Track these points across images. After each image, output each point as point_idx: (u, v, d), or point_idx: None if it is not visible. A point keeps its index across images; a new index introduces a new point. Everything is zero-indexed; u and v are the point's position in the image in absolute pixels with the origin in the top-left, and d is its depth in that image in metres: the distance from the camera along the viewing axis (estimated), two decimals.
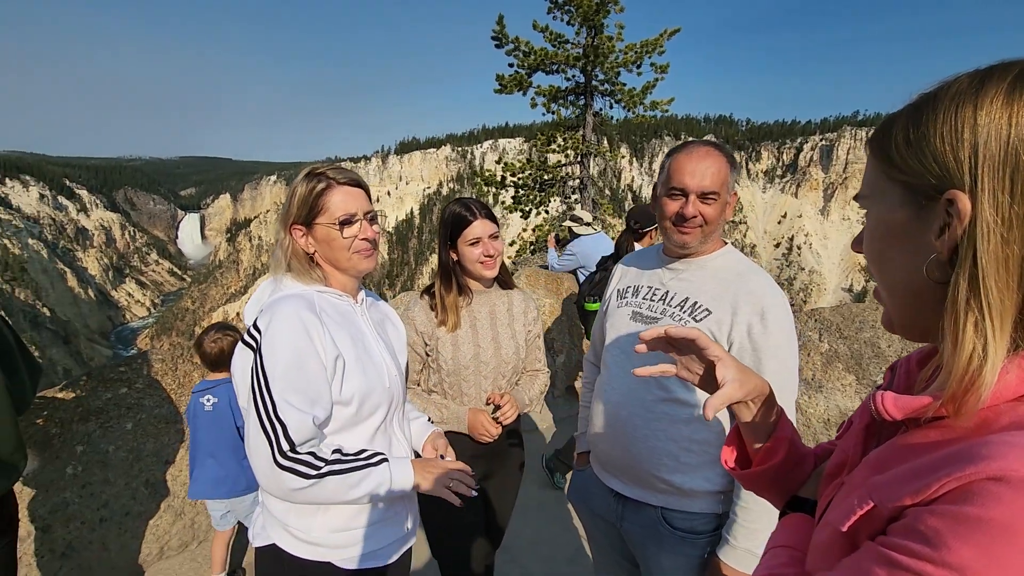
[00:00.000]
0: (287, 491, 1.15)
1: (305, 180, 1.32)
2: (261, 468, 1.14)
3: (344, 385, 1.25)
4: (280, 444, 1.13)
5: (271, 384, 1.15)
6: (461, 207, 1.85)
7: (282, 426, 1.13)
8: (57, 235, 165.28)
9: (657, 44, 9.74)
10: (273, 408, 1.13)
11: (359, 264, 1.36)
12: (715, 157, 1.40)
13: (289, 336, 1.18)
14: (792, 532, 0.79)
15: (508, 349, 1.95)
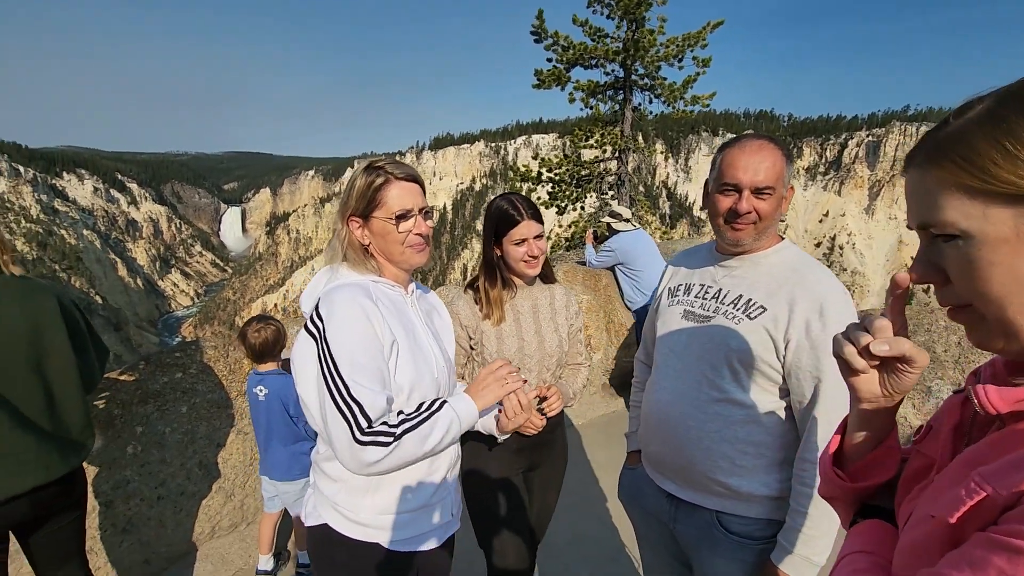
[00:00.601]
0: (369, 465, 1.18)
1: (364, 174, 1.35)
2: (342, 449, 1.16)
3: (397, 371, 1.28)
4: (359, 422, 1.16)
5: (340, 367, 1.17)
6: (509, 205, 1.85)
7: (358, 405, 1.16)
8: (109, 226, 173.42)
9: (700, 37, 9.50)
10: (347, 389, 1.16)
11: (412, 258, 1.38)
12: (770, 150, 1.35)
13: (353, 320, 1.21)
14: (869, 537, 0.76)
15: (551, 342, 1.95)
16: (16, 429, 1.59)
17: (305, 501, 1.42)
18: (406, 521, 1.33)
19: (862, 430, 0.80)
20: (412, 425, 1.21)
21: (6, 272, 1.66)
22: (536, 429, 1.83)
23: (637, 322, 4.87)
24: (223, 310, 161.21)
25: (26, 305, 1.66)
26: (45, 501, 1.71)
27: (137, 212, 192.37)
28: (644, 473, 1.69)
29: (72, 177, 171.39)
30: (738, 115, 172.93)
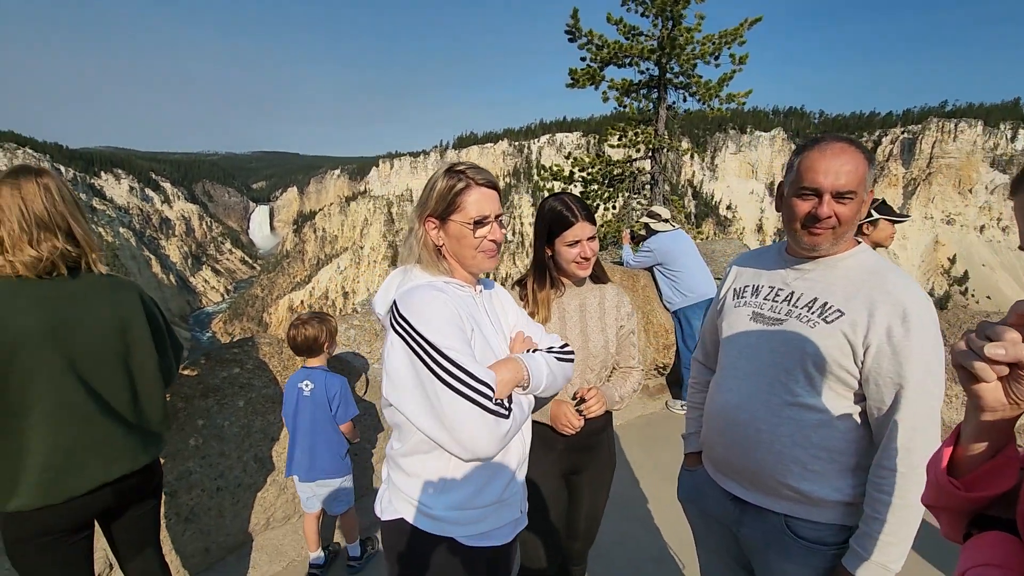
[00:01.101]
0: (504, 436, 1.25)
1: (446, 176, 1.37)
2: (477, 429, 1.21)
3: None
4: (487, 394, 1.22)
5: (447, 352, 1.21)
6: (563, 206, 1.85)
7: (481, 383, 1.22)
8: (144, 224, 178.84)
9: (737, 34, 9.36)
10: (465, 372, 1.21)
11: (483, 263, 1.41)
12: (851, 153, 1.33)
13: (441, 310, 1.26)
14: (997, 551, 0.74)
15: (596, 343, 1.94)
16: (106, 420, 1.67)
17: (380, 496, 1.46)
18: (480, 516, 1.35)
19: (981, 440, 0.78)
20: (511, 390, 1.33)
21: (95, 270, 1.75)
22: (572, 429, 1.83)
23: (676, 323, 4.84)
24: (251, 306, 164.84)
25: (115, 301, 1.74)
26: (128, 490, 1.79)
27: (170, 210, 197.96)
28: (705, 475, 1.68)
29: (109, 176, 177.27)
30: (767, 112, 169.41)
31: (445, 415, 1.20)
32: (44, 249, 1.60)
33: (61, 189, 1.67)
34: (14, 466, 1.54)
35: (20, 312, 1.54)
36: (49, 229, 1.61)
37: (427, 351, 1.22)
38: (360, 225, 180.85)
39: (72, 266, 1.67)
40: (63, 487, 1.60)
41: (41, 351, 1.55)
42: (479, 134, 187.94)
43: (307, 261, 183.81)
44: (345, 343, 3.65)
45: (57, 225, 1.63)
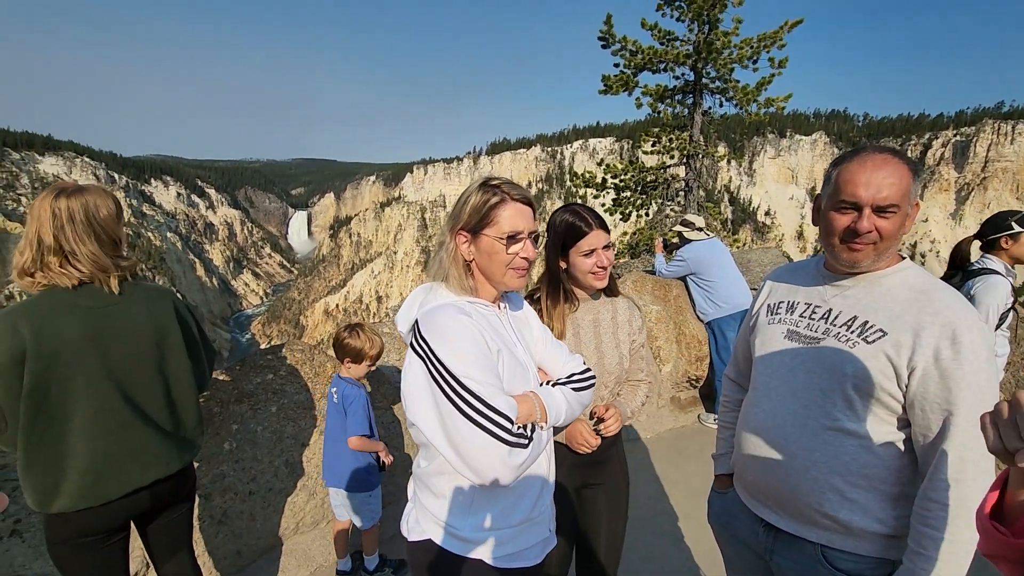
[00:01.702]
0: (519, 466, 1.22)
1: (480, 190, 1.36)
2: (491, 457, 1.18)
3: (504, 382, 1.30)
4: (504, 426, 1.20)
5: (464, 380, 1.19)
6: (574, 216, 1.81)
7: (497, 412, 1.19)
8: (189, 229, 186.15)
9: (776, 37, 9.07)
10: (479, 399, 1.19)
11: (511, 281, 1.39)
12: (894, 165, 1.25)
13: (462, 333, 1.24)
14: None
15: (611, 359, 1.90)
16: (142, 426, 1.73)
17: (406, 515, 1.45)
18: (510, 536, 1.33)
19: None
20: (534, 421, 1.31)
21: (131, 278, 1.81)
22: (589, 448, 1.78)
23: (710, 334, 4.71)
24: (289, 309, 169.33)
25: (150, 311, 1.79)
26: (163, 494, 1.84)
27: (214, 216, 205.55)
28: (736, 498, 1.62)
29: (159, 183, 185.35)
30: (807, 115, 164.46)
31: (460, 443, 1.19)
32: (97, 257, 1.67)
33: (107, 205, 1.74)
34: (56, 470, 1.60)
35: (61, 323, 1.60)
36: (99, 239, 1.68)
37: (445, 377, 1.20)
38: (394, 230, 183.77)
39: (112, 277, 1.74)
40: (101, 491, 1.66)
41: (81, 360, 1.61)
42: (512, 140, 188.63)
43: (342, 265, 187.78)
44: None
45: (102, 238, 1.70)
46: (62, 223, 1.62)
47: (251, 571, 2.78)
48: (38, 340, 1.54)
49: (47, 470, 1.59)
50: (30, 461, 1.58)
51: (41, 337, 1.55)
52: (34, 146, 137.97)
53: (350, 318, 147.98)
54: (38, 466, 1.59)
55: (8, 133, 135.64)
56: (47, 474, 1.60)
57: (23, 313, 1.56)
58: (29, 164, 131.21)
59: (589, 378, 1.55)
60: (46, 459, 1.59)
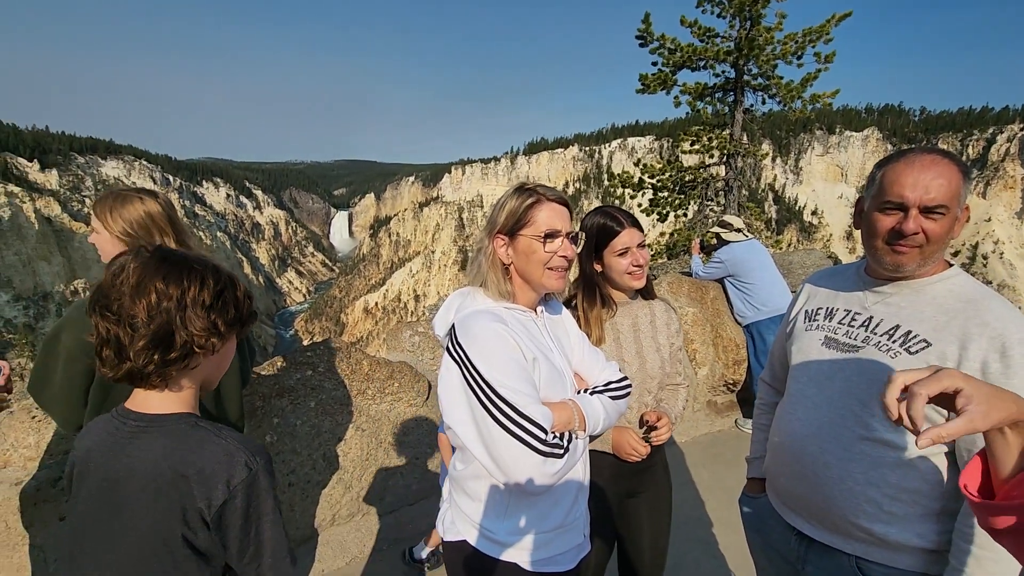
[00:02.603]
0: (553, 475, 1.23)
1: (516, 194, 1.38)
2: (525, 466, 1.20)
3: (540, 390, 1.30)
4: (537, 436, 1.20)
5: (499, 388, 1.21)
6: (606, 217, 1.80)
7: (531, 421, 1.20)
8: (238, 229, 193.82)
9: (823, 31, 8.72)
10: (513, 408, 1.20)
11: (549, 281, 1.39)
12: (943, 166, 1.20)
13: (497, 341, 1.25)
14: None
15: (653, 363, 1.87)
16: None
17: (442, 515, 1.47)
18: (544, 542, 1.34)
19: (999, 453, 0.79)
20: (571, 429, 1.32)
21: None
22: (639, 456, 1.76)
23: (748, 338, 4.60)
24: (330, 307, 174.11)
25: None
26: None
27: (261, 216, 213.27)
28: (768, 505, 1.59)
29: (209, 185, 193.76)
30: (859, 111, 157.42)
31: (495, 449, 1.21)
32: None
33: (174, 209, 1.86)
34: None
35: None
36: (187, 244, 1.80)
37: (480, 384, 1.22)
38: (432, 230, 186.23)
39: None
40: None
41: None
42: (549, 139, 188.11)
43: (382, 264, 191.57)
44: (410, 349, 3.77)
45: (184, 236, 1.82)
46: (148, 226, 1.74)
47: None
48: None
49: None
50: None
51: None
52: (97, 150, 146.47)
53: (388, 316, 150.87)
54: None
55: (75, 139, 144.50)
56: None
57: None
58: (93, 167, 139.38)
59: (626, 386, 1.54)
60: None
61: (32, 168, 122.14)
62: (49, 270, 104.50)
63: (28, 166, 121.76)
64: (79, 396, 1.66)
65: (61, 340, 1.63)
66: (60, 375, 1.63)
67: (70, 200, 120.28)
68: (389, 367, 3.28)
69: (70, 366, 1.63)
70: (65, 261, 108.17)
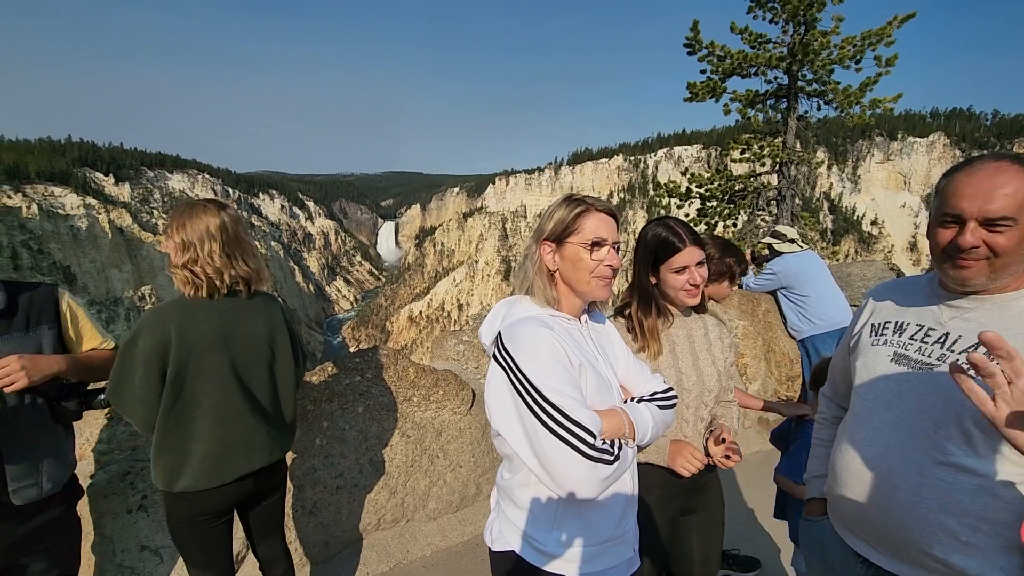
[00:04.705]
0: (603, 480, 1.23)
1: (565, 203, 1.41)
2: (573, 472, 1.20)
3: (586, 397, 1.30)
4: (586, 440, 1.20)
5: (546, 393, 1.21)
6: (667, 231, 1.76)
7: (579, 426, 1.20)
8: (291, 238, 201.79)
9: (884, 34, 8.29)
10: (561, 413, 1.20)
11: (595, 290, 1.40)
12: (1012, 173, 1.11)
13: (543, 346, 1.26)
14: None
15: (710, 376, 1.83)
16: (253, 418, 1.92)
17: (490, 524, 1.48)
18: (593, 555, 1.32)
19: None
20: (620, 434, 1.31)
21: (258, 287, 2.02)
22: (695, 471, 1.71)
23: (803, 352, 4.41)
24: (376, 315, 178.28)
25: (266, 316, 2.01)
26: (262, 481, 2.02)
27: (312, 226, 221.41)
28: (830, 528, 1.51)
29: (265, 197, 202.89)
30: (923, 115, 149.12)
31: (543, 455, 1.21)
32: (240, 269, 1.90)
33: (237, 220, 1.97)
34: (183, 452, 1.82)
35: (200, 322, 1.83)
36: (234, 254, 1.90)
37: (528, 389, 1.22)
38: (476, 240, 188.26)
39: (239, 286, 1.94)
40: (218, 474, 1.85)
41: (212, 355, 1.83)
42: (593, 149, 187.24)
43: (426, 274, 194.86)
44: (455, 357, 3.81)
45: (240, 250, 1.92)
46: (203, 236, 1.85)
47: (336, 561, 2.95)
48: (181, 335, 1.77)
49: (175, 452, 1.81)
50: (162, 443, 1.80)
51: (184, 332, 1.78)
52: (165, 164, 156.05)
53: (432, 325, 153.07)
54: (168, 448, 1.81)
55: (145, 154, 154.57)
56: (175, 456, 1.81)
57: (169, 312, 1.80)
58: (160, 181, 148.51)
59: (672, 397, 1.52)
60: (175, 442, 1.81)
61: (108, 182, 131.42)
62: (120, 277, 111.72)
63: (104, 180, 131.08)
64: (156, 398, 1.77)
65: (138, 345, 1.74)
66: (139, 378, 1.74)
67: (140, 211, 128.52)
68: (434, 375, 3.32)
69: (148, 369, 1.74)
70: (134, 268, 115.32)
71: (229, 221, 1.89)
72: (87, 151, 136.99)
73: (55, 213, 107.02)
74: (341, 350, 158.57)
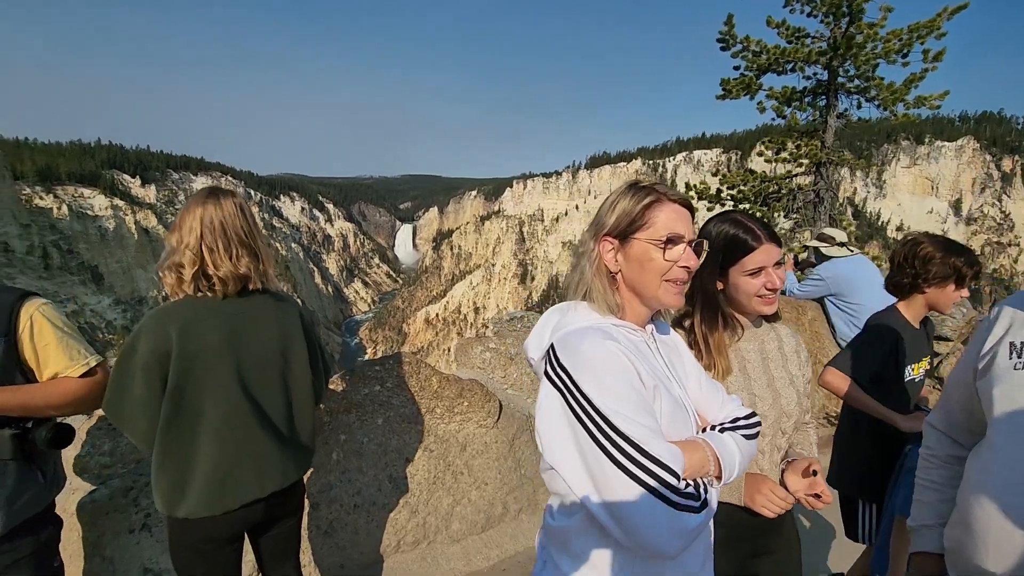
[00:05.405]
0: (690, 532, 0.98)
1: (631, 192, 1.17)
2: (654, 525, 0.95)
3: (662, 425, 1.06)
4: (668, 482, 0.96)
5: (615, 420, 0.97)
6: (738, 228, 1.50)
7: (658, 463, 0.96)
8: (310, 241, 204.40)
9: (933, 26, 7.89)
10: (636, 446, 0.96)
11: (665, 296, 1.15)
12: None
13: (611, 362, 1.02)
14: None
15: (788, 398, 1.55)
16: (264, 435, 1.70)
17: (537, 573, 1.24)
18: None
19: None
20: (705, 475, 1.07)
21: (269, 287, 1.80)
22: (779, 511, 1.45)
23: None
24: (393, 316, 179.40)
25: (279, 318, 1.79)
26: (276, 505, 1.80)
27: (331, 228, 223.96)
28: None
29: (286, 199, 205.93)
30: (951, 119, 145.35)
31: (613, 500, 0.96)
32: (242, 265, 1.67)
33: (249, 209, 1.76)
34: (185, 473, 1.60)
35: (204, 325, 1.61)
36: (245, 246, 1.68)
37: (590, 414, 0.99)
38: (493, 243, 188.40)
39: (249, 284, 1.73)
40: (224, 499, 1.64)
41: (217, 362, 1.62)
42: (611, 153, 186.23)
43: (443, 276, 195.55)
44: (480, 366, 3.58)
45: (250, 243, 1.70)
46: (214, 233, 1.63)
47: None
48: (183, 340, 1.56)
49: (176, 473, 1.60)
50: (163, 462, 1.59)
51: (186, 337, 1.57)
52: (190, 167, 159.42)
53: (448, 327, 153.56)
54: (170, 467, 1.60)
55: (171, 157, 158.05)
56: (175, 477, 1.60)
57: (170, 314, 1.59)
58: (185, 183, 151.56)
59: (756, 423, 1.27)
60: (177, 461, 1.60)
61: (134, 184, 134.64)
62: (145, 277, 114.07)
63: (131, 182, 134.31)
64: (157, 408, 1.56)
65: (137, 351, 1.54)
66: (138, 386, 1.54)
67: (165, 213, 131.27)
68: (459, 384, 3.09)
69: (148, 376, 1.54)
70: None
71: (218, 212, 1.65)
72: (115, 153, 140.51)
73: (84, 214, 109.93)
74: (358, 351, 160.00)
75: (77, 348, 1.60)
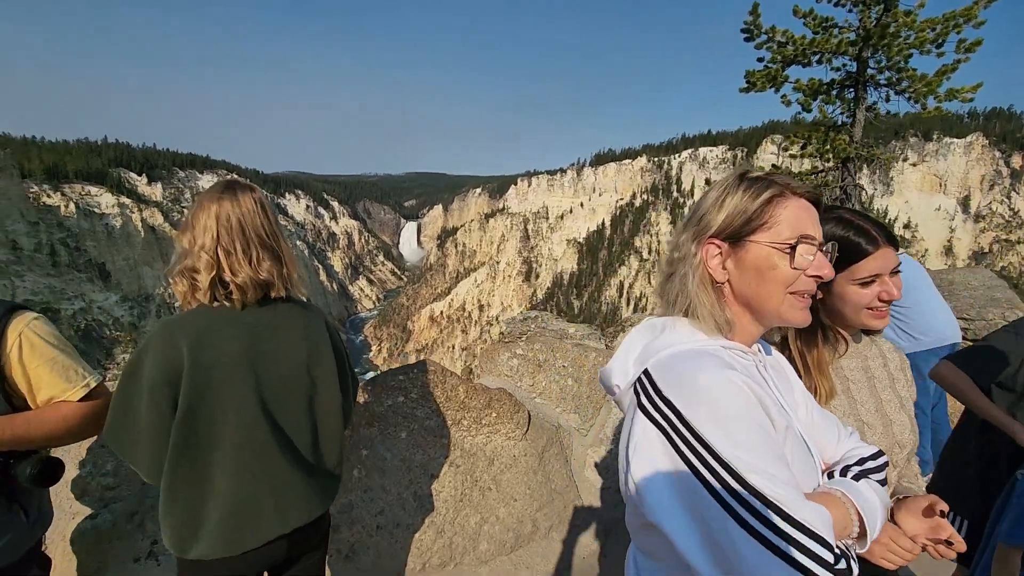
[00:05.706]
0: None
1: (743, 184, 0.94)
2: None
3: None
4: (821, 558, 0.75)
5: (748, 476, 0.76)
6: (848, 229, 1.28)
7: (809, 534, 0.75)
8: (315, 238, 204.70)
9: (970, 14, 7.52)
10: (780, 513, 0.75)
11: (790, 312, 0.93)
12: None
13: (735, 399, 0.81)
14: None
15: (900, 426, 1.34)
16: (286, 464, 1.49)
17: None
18: None
19: None
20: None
21: (294, 294, 1.58)
22: (903, 563, 1.23)
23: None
24: (397, 314, 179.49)
25: (307, 329, 1.57)
26: (300, 541, 1.59)
27: (336, 226, 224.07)
28: None
29: (292, 197, 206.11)
30: (960, 115, 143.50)
31: (744, 569, 0.74)
32: (264, 269, 1.45)
33: (271, 206, 1.54)
34: (199, 509, 1.39)
35: (221, 337, 1.40)
36: (267, 248, 1.46)
37: (713, 468, 0.77)
38: (497, 241, 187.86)
39: (271, 291, 1.51)
40: (242, 538, 1.43)
41: (233, 380, 1.40)
42: (616, 150, 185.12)
43: (448, 274, 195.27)
44: (507, 373, 3.36)
45: (272, 244, 1.48)
46: (231, 233, 1.41)
47: None
48: (195, 354, 1.35)
49: (189, 506, 1.39)
50: (173, 495, 1.39)
51: (199, 351, 1.36)
52: (195, 165, 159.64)
53: (453, 325, 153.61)
54: (181, 501, 1.39)
55: (177, 155, 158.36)
56: (188, 512, 1.40)
57: (181, 326, 1.38)
58: (191, 181, 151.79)
59: (884, 464, 1.05)
60: (189, 494, 1.39)
61: (141, 182, 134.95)
62: (151, 274, 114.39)
63: (138, 180, 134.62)
64: (166, 435, 1.35)
65: (143, 368, 1.33)
66: (144, 409, 1.33)
67: (171, 211, 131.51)
68: (487, 394, 2.87)
69: (155, 397, 1.33)
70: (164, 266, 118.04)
71: (236, 209, 1.43)
72: (122, 152, 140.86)
73: (91, 212, 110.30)
74: (363, 349, 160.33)
75: (74, 368, 1.40)
